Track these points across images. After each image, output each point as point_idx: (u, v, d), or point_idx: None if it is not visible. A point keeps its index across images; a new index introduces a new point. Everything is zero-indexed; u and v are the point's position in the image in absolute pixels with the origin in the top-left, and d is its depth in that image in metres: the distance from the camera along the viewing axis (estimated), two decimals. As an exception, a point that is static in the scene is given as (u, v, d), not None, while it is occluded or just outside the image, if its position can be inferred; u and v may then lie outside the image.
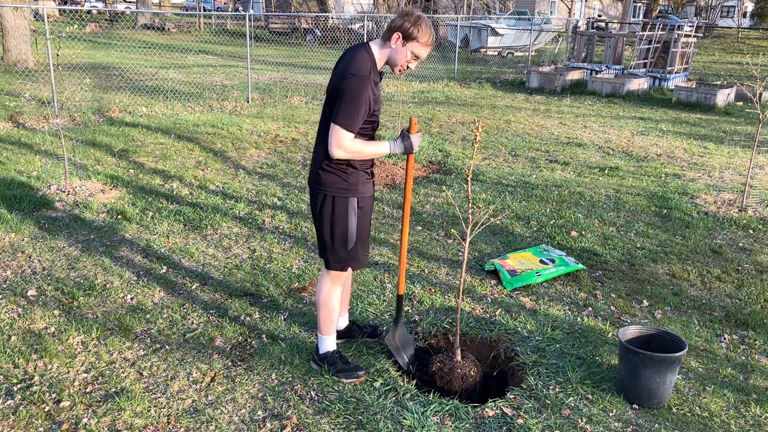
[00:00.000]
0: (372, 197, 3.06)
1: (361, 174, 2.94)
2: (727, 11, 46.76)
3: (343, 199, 2.91)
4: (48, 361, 3.24)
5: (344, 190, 2.91)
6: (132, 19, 28.52)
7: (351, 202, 2.93)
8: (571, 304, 4.09)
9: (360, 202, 2.95)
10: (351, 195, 2.92)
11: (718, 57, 24.73)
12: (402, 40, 2.80)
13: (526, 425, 2.85)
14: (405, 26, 2.78)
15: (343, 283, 3.19)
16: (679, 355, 2.95)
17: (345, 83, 2.75)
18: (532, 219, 5.63)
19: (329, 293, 3.11)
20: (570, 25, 20.23)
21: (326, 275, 3.11)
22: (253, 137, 8.26)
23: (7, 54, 13.18)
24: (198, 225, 5.23)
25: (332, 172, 2.90)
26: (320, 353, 3.21)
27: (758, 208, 5.99)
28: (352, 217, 2.95)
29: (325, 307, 3.12)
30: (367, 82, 2.75)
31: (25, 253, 4.54)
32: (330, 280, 3.10)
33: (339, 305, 3.18)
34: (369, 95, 2.75)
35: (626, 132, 9.74)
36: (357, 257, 3.05)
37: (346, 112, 2.73)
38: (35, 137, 7.65)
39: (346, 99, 2.73)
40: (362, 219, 3.00)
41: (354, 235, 2.98)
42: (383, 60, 2.87)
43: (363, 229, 3.02)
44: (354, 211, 2.94)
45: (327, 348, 3.20)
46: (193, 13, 22.94)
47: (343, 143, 2.77)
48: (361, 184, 2.94)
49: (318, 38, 24.73)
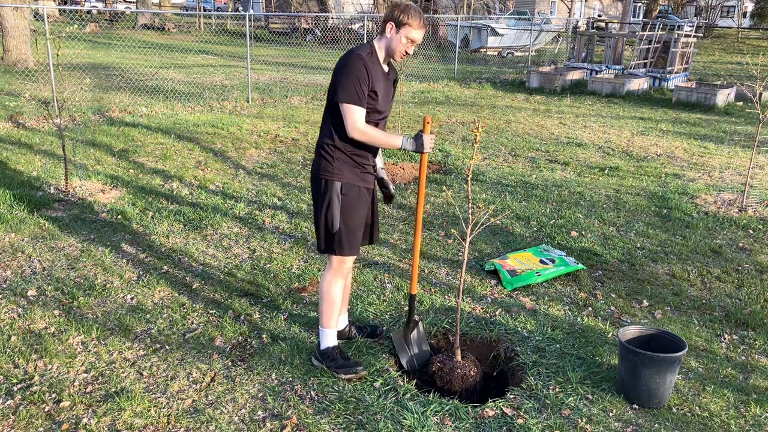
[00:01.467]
0: (365, 189, 3.12)
1: (350, 161, 3.03)
2: (727, 11, 46.75)
3: (328, 181, 3.03)
4: (48, 361, 3.24)
5: (329, 173, 3.02)
6: (132, 19, 28.52)
7: (334, 186, 3.02)
8: (571, 304, 4.09)
9: (344, 188, 3.03)
10: (336, 179, 3.02)
11: (718, 57, 24.73)
12: (395, 27, 2.96)
13: (526, 425, 2.85)
14: (395, 14, 2.95)
15: (345, 277, 3.21)
16: (679, 355, 2.95)
17: (338, 65, 2.97)
18: (532, 219, 5.63)
19: (330, 284, 3.17)
20: (570, 25, 20.24)
21: (328, 267, 3.18)
22: (253, 137, 8.26)
23: (7, 54, 13.18)
24: (198, 225, 5.23)
25: (323, 156, 3.04)
26: (321, 348, 3.24)
27: (758, 208, 5.99)
28: (335, 201, 3.03)
29: (326, 298, 3.18)
30: (358, 58, 2.91)
31: (25, 253, 4.54)
32: (331, 272, 3.17)
33: (340, 299, 3.22)
34: (363, 71, 2.89)
35: (626, 132, 9.74)
36: (341, 243, 3.08)
37: (345, 87, 2.89)
38: (35, 137, 7.65)
39: (341, 75, 2.91)
40: (348, 206, 3.05)
41: (337, 220, 3.05)
42: (383, 50, 3.02)
43: (349, 216, 3.07)
44: (337, 195, 3.03)
45: (328, 343, 3.23)
46: (193, 13, 22.95)
47: (357, 122, 2.91)
48: (347, 171, 3.03)
49: (318, 38, 24.74)
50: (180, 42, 22.25)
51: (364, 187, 3.11)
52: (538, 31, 22.55)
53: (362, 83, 2.89)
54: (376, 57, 3.00)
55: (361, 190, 3.09)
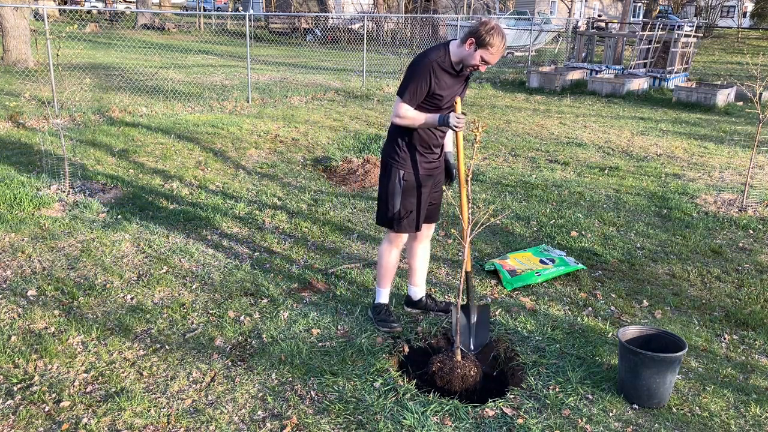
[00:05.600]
0: (425, 176, 3.45)
1: (414, 150, 3.39)
2: (727, 11, 46.77)
3: (393, 168, 3.42)
4: (48, 361, 3.24)
5: (395, 161, 3.41)
6: (132, 19, 28.51)
7: (399, 173, 3.41)
8: (571, 304, 4.09)
9: (406, 175, 3.40)
10: (399, 167, 3.40)
11: (718, 57, 24.73)
12: (475, 45, 3.14)
13: (526, 425, 2.85)
14: (479, 33, 3.11)
15: (399, 248, 3.61)
16: (679, 355, 2.95)
17: (411, 63, 3.27)
18: (532, 219, 5.63)
19: (384, 251, 3.63)
20: (570, 25, 20.23)
21: (386, 238, 3.64)
22: (253, 137, 8.26)
23: (7, 54, 13.17)
24: (198, 225, 5.23)
25: (392, 142, 3.43)
26: (374, 303, 3.76)
27: (758, 208, 5.99)
28: (397, 186, 3.41)
29: (380, 262, 3.66)
30: (428, 64, 3.18)
31: (25, 253, 4.54)
32: (387, 240, 3.62)
33: (394, 267, 3.66)
34: (429, 75, 3.18)
35: (626, 132, 9.74)
36: (400, 222, 3.47)
37: (404, 86, 3.24)
38: (35, 137, 7.65)
39: (406, 76, 3.25)
40: (408, 191, 3.42)
41: (398, 202, 3.43)
42: (457, 57, 3.21)
43: (408, 200, 3.43)
44: (399, 181, 3.41)
45: (379, 299, 3.74)
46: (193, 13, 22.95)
47: (399, 112, 3.28)
48: (410, 161, 3.40)
49: (318, 38, 24.74)
50: (180, 42, 22.25)
51: (425, 174, 3.44)
52: (538, 31, 22.55)
53: (423, 87, 3.20)
54: (448, 59, 3.21)
55: (421, 177, 3.43)
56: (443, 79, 3.23)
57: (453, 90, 3.30)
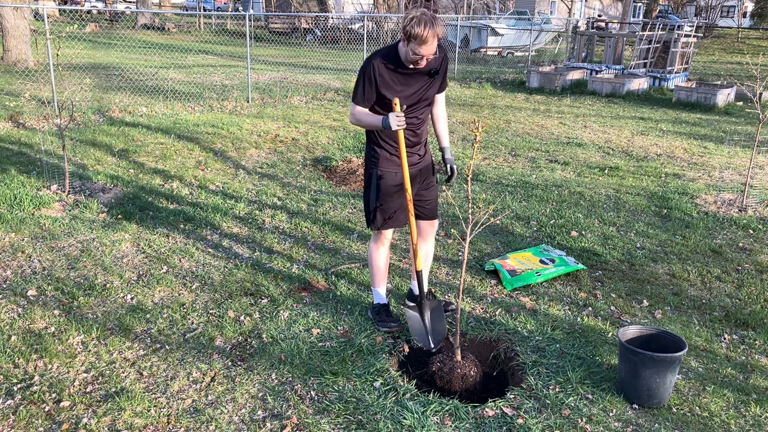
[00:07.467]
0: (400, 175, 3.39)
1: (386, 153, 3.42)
2: (727, 11, 46.74)
3: (371, 168, 3.48)
4: (48, 361, 3.24)
5: (371, 161, 3.48)
6: (132, 19, 28.52)
7: (374, 172, 3.46)
8: (571, 304, 4.09)
9: (382, 174, 3.43)
10: (375, 167, 3.45)
11: (718, 57, 24.73)
12: (406, 40, 3.10)
13: (526, 425, 2.85)
14: (405, 27, 3.05)
15: (386, 246, 3.64)
16: (679, 355, 2.95)
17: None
18: (532, 219, 5.63)
19: (371, 251, 3.68)
20: (570, 25, 20.23)
21: (372, 238, 3.68)
22: (253, 137, 8.26)
23: (7, 54, 13.17)
24: (198, 225, 5.23)
25: (369, 144, 3.50)
26: (372, 304, 3.77)
27: (758, 208, 5.99)
28: (374, 184, 3.46)
29: (370, 263, 3.71)
30: (370, 65, 3.20)
31: (25, 253, 4.54)
32: (372, 240, 3.67)
33: (384, 265, 3.68)
34: (372, 76, 3.20)
35: (626, 132, 9.74)
36: (380, 220, 3.50)
37: (354, 88, 3.31)
38: (35, 137, 7.65)
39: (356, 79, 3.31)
40: (386, 189, 3.44)
41: (373, 200, 3.46)
42: (402, 55, 3.19)
43: (386, 198, 3.44)
44: (376, 180, 3.44)
45: (377, 300, 3.75)
46: (193, 13, 22.95)
47: (351, 113, 3.37)
48: (384, 160, 3.42)
49: (318, 38, 24.74)
50: (180, 42, 22.24)
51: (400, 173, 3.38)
52: (538, 31, 22.55)
53: (368, 87, 3.24)
54: (396, 56, 3.20)
55: (397, 176, 3.41)
56: (392, 78, 3.20)
57: (410, 89, 3.25)
